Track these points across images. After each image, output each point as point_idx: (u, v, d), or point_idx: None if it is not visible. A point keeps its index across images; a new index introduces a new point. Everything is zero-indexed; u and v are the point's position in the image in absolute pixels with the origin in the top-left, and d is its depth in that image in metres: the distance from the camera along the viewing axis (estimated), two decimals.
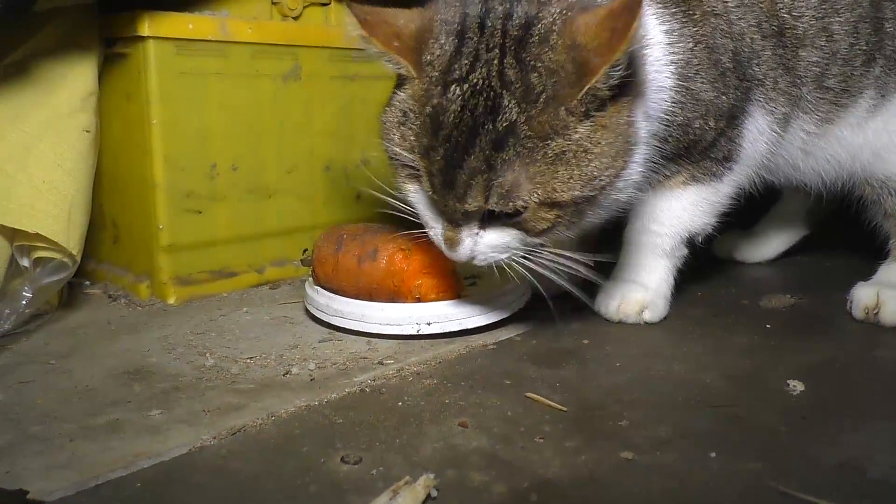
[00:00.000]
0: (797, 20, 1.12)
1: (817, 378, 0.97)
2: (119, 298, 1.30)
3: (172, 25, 1.22)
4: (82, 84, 1.18)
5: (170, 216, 1.26)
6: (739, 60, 1.08)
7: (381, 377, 0.97)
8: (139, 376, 0.97)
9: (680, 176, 1.12)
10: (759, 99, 1.11)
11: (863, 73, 1.17)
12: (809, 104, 1.16)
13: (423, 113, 0.91)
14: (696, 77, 1.05)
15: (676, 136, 1.06)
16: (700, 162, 1.11)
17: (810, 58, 1.13)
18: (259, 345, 1.08)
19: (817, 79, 1.15)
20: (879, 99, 1.19)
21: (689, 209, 1.15)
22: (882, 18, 1.17)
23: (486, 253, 0.96)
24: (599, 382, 0.96)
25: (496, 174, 0.87)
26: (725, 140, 1.10)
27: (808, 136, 1.19)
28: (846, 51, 1.15)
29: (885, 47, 1.18)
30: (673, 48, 1.03)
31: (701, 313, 1.23)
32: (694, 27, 1.05)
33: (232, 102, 1.31)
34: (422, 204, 0.99)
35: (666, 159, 1.08)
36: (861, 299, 1.19)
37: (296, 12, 1.41)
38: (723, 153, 1.11)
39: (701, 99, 1.05)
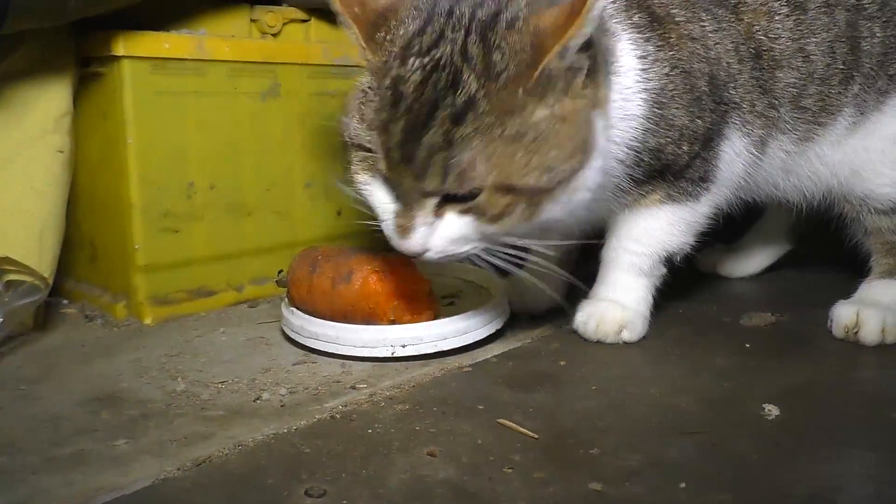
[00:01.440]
0: (773, 42, 1.12)
1: (794, 402, 0.96)
2: (95, 318, 1.28)
3: (148, 45, 1.21)
4: (56, 104, 1.17)
5: (146, 236, 1.25)
6: (716, 84, 1.08)
7: (353, 402, 0.96)
8: (109, 403, 0.96)
9: (655, 194, 1.12)
10: (736, 122, 1.11)
11: (840, 92, 1.17)
12: (787, 124, 1.16)
13: (383, 86, 0.90)
14: (671, 103, 1.04)
15: (648, 160, 1.06)
16: (675, 182, 1.11)
17: (787, 79, 1.13)
18: (232, 368, 1.07)
19: (794, 99, 1.15)
20: (859, 116, 1.19)
21: (665, 228, 1.14)
22: (859, 38, 1.17)
23: (441, 244, 0.93)
24: (573, 407, 0.95)
25: (454, 150, 0.87)
26: (700, 162, 1.10)
27: (788, 155, 1.19)
28: (823, 71, 1.15)
29: (863, 66, 1.17)
30: (647, 74, 1.02)
31: (681, 332, 1.22)
32: (670, 51, 1.05)
33: (209, 121, 1.30)
34: (374, 194, 0.96)
35: (638, 181, 1.08)
36: (841, 318, 1.19)
37: (275, 29, 1.40)
38: (698, 174, 1.11)
39: (675, 124, 1.05)
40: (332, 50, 1.43)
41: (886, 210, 1.23)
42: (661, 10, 1.06)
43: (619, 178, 1.06)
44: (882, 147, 1.20)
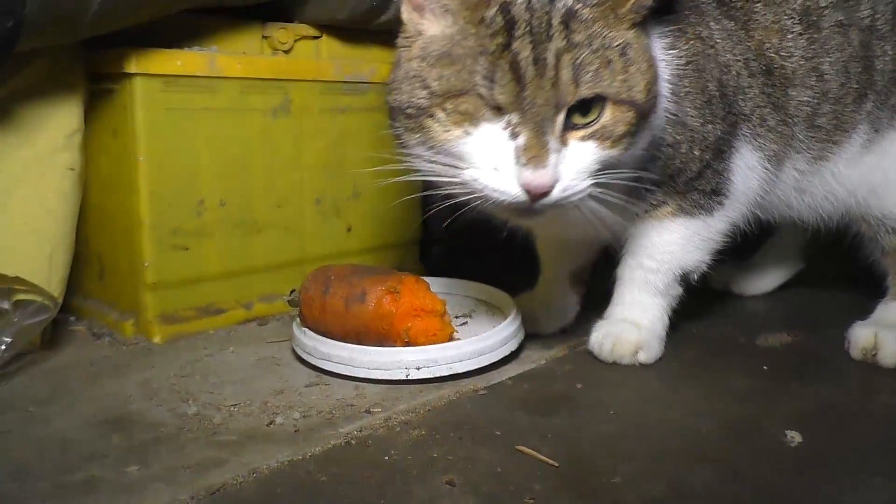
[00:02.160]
0: (785, 60, 1.11)
1: (815, 427, 0.95)
2: (103, 336, 1.27)
3: (160, 62, 1.20)
4: (67, 122, 1.16)
5: (156, 253, 1.24)
6: (725, 93, 1.08)
7: (368, 427, 0.94)
8: (119, 426, 0.95)
9: (668, 206, 1.11)
10: (746, 134, 1.11)
11: (854, 110, 1.16)
12: (801, 143, 1.15)
13: (488, 17, 0.89)
14: (685, 99, 1.04)
15: (666, 155, 1.06)
16: (687, 193, 1.10)
17: (800, 97, 1.13)
18: (244, 389, 1.06)
19: (808, 118, 1.14)
20: (873, 134, 1.18)
21: (679, 243, 1.13)
22: (872, 57, 1.16)
23: (570, 175, 0.90)
24: (592, 432, 0.94)
25: (580, 50, 0.88)
26: (712, 173, 1.09)
27: (802, 174, 1.18)
28: (837, 90, 1.14)
29: (876, 83, 1.17)
30: (669, 64, 1.03)
31: (696, 353, 1.21)
32: (685, 45, 1.05)
33: (220, 137, 1.29)
34: (478, 142, 0.90)
35: (653, 183, 1.07)
36: (859, 340, 1.17)
37: (286, 46, 1.39)
38: (710, 186, 1.10)
39: (688, 124, 1.05)
40: (344, 66, 1.42)
41: None
42: (678, 6, 1.06)
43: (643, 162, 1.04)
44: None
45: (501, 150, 0.89)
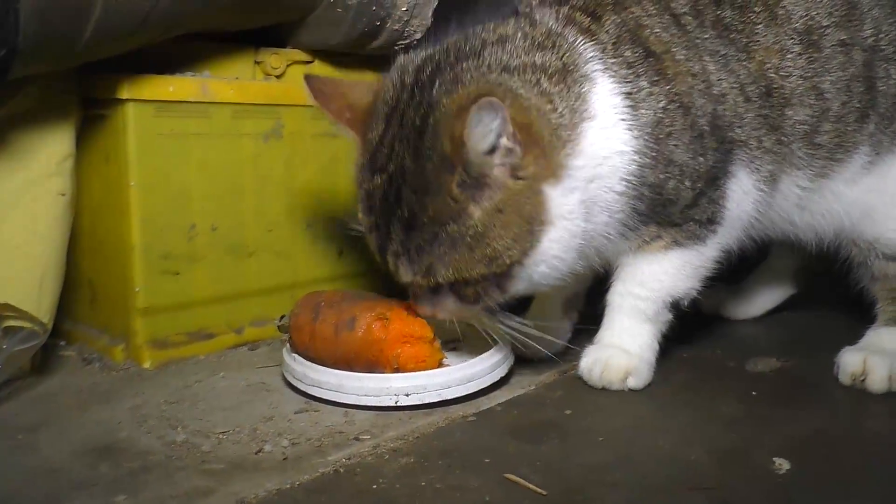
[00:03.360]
0: (785, 80, 1.11)
1: (804, 454, 0.95)
2: (93, 362, 1.26)
3: (153, 88, 1.21)
4: (59, 147, 1.16)
5: (147, 278, 1.24)
6: (719, 125, 1.07)
7: (357, 455, 0.94)
8: (107, 454, 0.94)
9: (662, 240, 1.11)
10: (743, 159, 1.10)
11: (856, 130, 1.16)
12: (802, 160, 1.15)
13: (362, 194, 1.00)
14: (669, 139, 1.04)
15: (650, 196, 1.05)
16: (683, 225, 1.10)
17: (798, 116, 1.12)
18: (233, 416, 1.05)
19: (807, 136, 1.13)
20: (874, 156, 1.18)
21: (671, 273, 1.13)
22: (875, 78, 1.16)
23: (445, 314, 1.03)
24: (581, 460, 0.94)
25: (411, 256, 0.96)
26: (707, 201, 1.09)
27: (804, 191, 1.18)
28: (839, 109, 1.14)
29: (879, 105, 1.17)
30: (638, 110, 1.02)
31: (686, 378, 1.21)
32: (666, 85, 1.04)
33: (212, 163, 1.29)
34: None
35: (642, 220, 1.07)
36: (848, 365, 1.17)
37: (279, 71, 1.40)
38: (706, 215, 1.10)
39: (675, 161, 1.05)
40: None
41: (894, 256, 1.22)
42: (659, 46, 1.05)
43: (624, 212, 1.05)
44: (894, 190, 1.19)
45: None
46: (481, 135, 0.88)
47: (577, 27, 1.04)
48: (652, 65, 1.04)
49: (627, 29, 1.04)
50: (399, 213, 0.95)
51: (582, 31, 1.04)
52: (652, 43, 1.05)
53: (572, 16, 1.05)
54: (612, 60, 1.02)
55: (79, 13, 1.00)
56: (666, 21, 1.07)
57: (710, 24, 1.09)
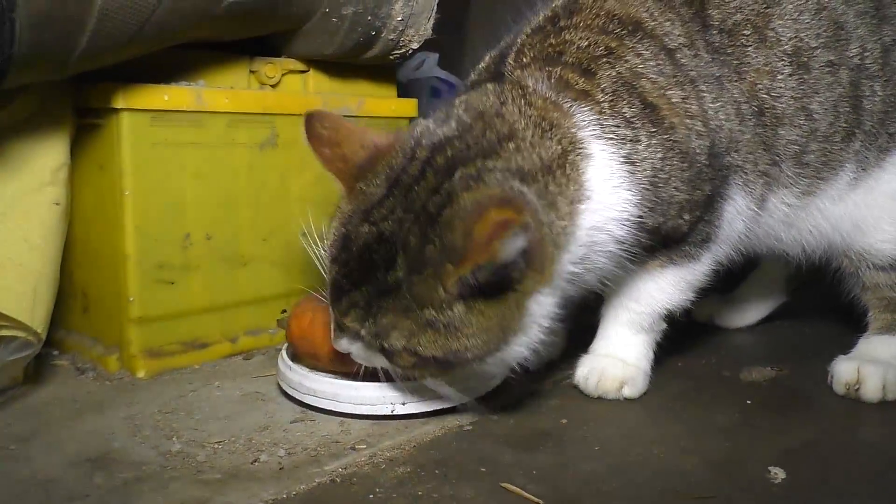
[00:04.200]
0: (776, 100, 1.11)
1: (799, 464, 0.95)
2: (87, 371, 1.26)
3: (147, 97, 1.21)
4: (53, 156, 1.16)
5: (141, 287, 1.24)
6: (716, 154, 1.07)
7: (353, 464, 0.94)
8: (102, 464, 0.94)
9: (657, 260, 1.11)
10: (738, 182, 1.11)
11: (842, 149, 1.16)
12: (789, 179, 1.16)
13: (339, 232, 0.97)
14: (668, 183, 1.03)
15: (648, 237, 1.05)
16: (679, 247, 1.10)
17: (789, 136, 1.13)
18: (228, 426, 1.05)
19: (796, 156, 1.14)
20: (860, 172, 1.19)
21: (667, 289, 1.14)
22: (861, 96, 1.16)
23: (360, 357, 1.00)
24: (577, 470, 0.94)
25: (372, 315, 0.92)
26: (703, 224, 1.09)
27: (790, 208, 1.19)
28: (826, 128, 1.14)
29: (864, 123, 1.17)
30: (636, 168, 1.00)
31: (681, 387, 1.21)
32: (664, 135, 1.02)
33: (207, 172, 1.29)
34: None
35: (640, 254, 1.07)
36: (842, 375, 1.18)
37: (274, 80, 1.40)
38: (701, 237, 1.10)
39: (674, 201, 1.04)
40: (331, 100, 1.44)
41: (885, 266, 1.23)
42: (654, 93, 1.02)
43: (619, 258, 1.05)
44: (882, 203, 1.20)
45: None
46: (508, 254, 0.85)
47: (571, 91, 1.00)
48: (649, 115, 1.01)
49: (624, 81, 1.01)
50: (380, 276, 0.91)
51: (577, 94, 1.00)
52: (648, 92, 1.02)
53: (565, 78, 1.01)
54: (610, 123, 1.00)
55: (75, 24, 0.99)
56: (662, 61, 1.04)
57: (703, 49, 1.09)
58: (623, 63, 1.03)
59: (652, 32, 1.06)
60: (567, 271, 0.99)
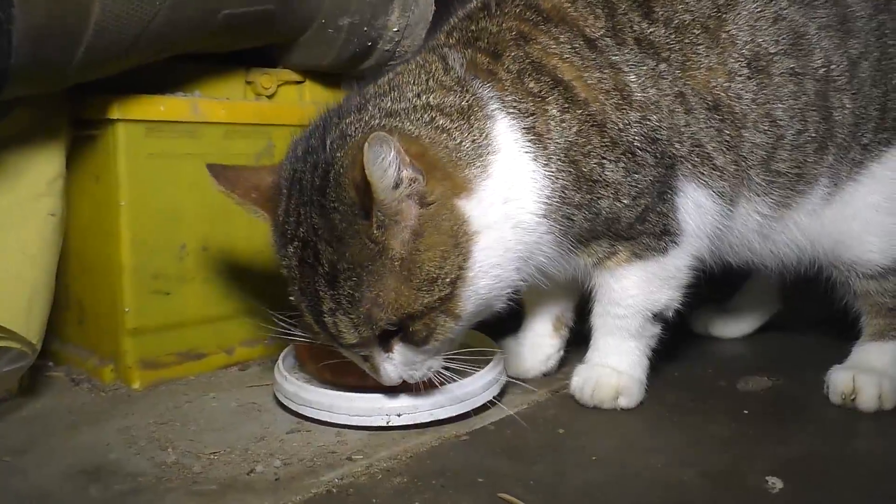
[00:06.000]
0: (735, 101, 1.12)
1: (797, 474, 0.95)
2: (82, 383, 1.26)
3: (143, 108, 1.21)
4: (49, 167, 1.16)
5: (136, 298, 1.24)
6: (654, 137, 1.08)
7: (349, 475, 0.94)
8: (97, 476, 0.94)
9: (620, 255, 1.12)
10: (687, 174, 1.11)
11: (816, 161, 1.16)
12: (760, 187, 1.16)
13: (284, 273, 1.01)
14: (588, 159, 1.05)
15: (582, 216, 1.07)
16: (636, 238, 1.11)
17: (754, 139, 1.13)
18: (224, 437, 1.05)
19: (764, 162, 1.14)
20: (833, 188, 1.18)
21: (640, 286, 1.14)
22: (830, 108, 1.16)
23: (405, 371, 1.00)
24: (574, 480, 0.94)
25: (348, 309, 0.94)
26: (656, 215, 1.10)
27: (764, 218, 1.18)
28: (794, 137, 1.14)
29: (836, 136, 1.17)
30: (543, 140, 1.04)
31: (678, 397, 1.21)
32: (578, 109, 1.05)
33: (203, 182, 1.26)
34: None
35: (588, 237, 1.09)
36: (838, 384, 1.18)
37: (270, 91, 1.40)
38: (658, 228, 1.11)
39: (600, 179, 1.06)
40: None
41: (874, 274, 1.22)
42: (569, 73, 1.06)
43: (553, 233, 1.06)
44: (864, 216, 1.19)
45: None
46: (382, 170, 0.88)
47: (477, 70, 1.06)
48: (561, 92, 1.05)
49: (531, 61, 1.06)
50: (320, 270, 0.94)
51: (482, 72, 1.05)
52: (560, 70, 1.06)
53: (475, 59, 1.06)
54: (512, 98, 1.04)
55: (72, 36, 1.00)
56: (578, 46, 1.08)
57: (632, 42, 1.10)
58: (534, 45, 1.07)
59: (572, 21, 1.10)
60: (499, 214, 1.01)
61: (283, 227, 1.00)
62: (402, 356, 0.99)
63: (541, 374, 1.28)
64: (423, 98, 1.02)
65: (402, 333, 0.97)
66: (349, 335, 0.96)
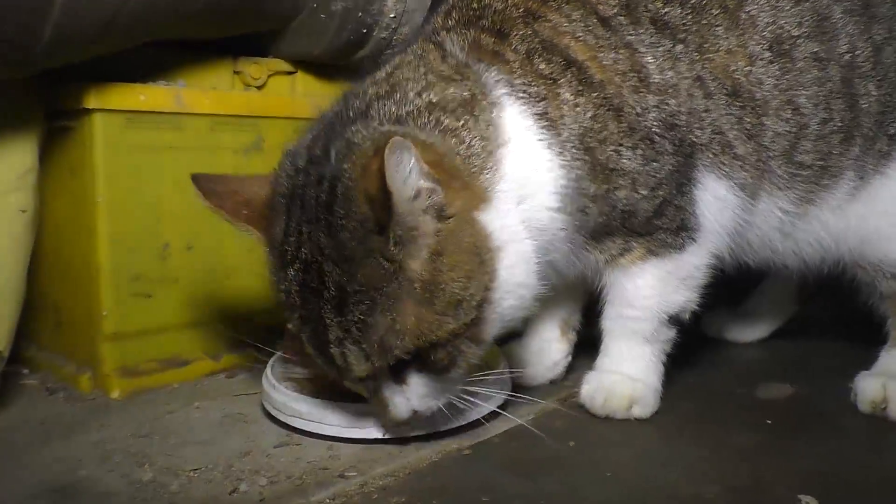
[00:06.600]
0: (755, 86, 1.05)
1: (830, 490, 0.87)
2: (57, 392, 1.18)
3: (122, 97, 1.13)
4: (19, 160, 1.08)
5: (115, 301, 1.16)
6: (673, 124, 1.01)
7: (342, 494, 0.86)
8: (65, 495, 0.86)
9: (636, 251, 1.05)
10: (707, 164, 1.04)
11: (841, 153, 1.10)
12: (783, 180, 1.09)
13: (281, 298, 0.90)
14: (604, 146, 0.98)
15: (598, 208, 0.99)
16: (653, 234, 1.03)
17: (776, 128, 1.06)
18: (207, 451, 0.97)
19: (786, 153, 1.08)
20: (859, 181, 1.12)
21: (656, 286, 1.06)
22: (856, 95, 1.10)
23: (423, 404, 0.92)
24: (588, 498, 0.86)
25: (358, 337, 0.84)
26: (674, 209, 1.03)
27: (786, 215, 1.12)
28: (818, 127, 1.08)
29: (862, 125, 1.11)
30: (556, 126, 0.96)
31: (695, 406, 1.14)
32: (593, 92, 0.98)
33: (187, 178, 1.18)
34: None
35: (602, 232, 1.02)
36: (867, 392, 1.11)
37: (259, 82, 1.33)
38: (675, 223, 1.04)
39: (617, 168, 0.99)
40: (321, 104, 1.35)
41: None
42: (583, 52, 0.99)
43: (568, 229, 0.99)
44: (893, 212, 1.13)
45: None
46: (402, 179, 0.80)
47: (481, 52, 0.98)
48: (574, 73, 0.98)
49: (540, 40, 0.98)
50: (326, 294, 0.84)
51: (487, 55, 0.98)
52: (573, 50, 0.99)
53: (477, 40, 0.99)
54: (521, 81, 0.96)
55: (35, 14, 0.92)
56: (592, 24, 1.01)
57: (647, 22, 1.03)
58: (543, 22, 1.00)
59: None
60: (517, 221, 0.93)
61: (282, 249, 0.89)
62: (420, 387, 0.90)
63: (547, 382, 1.21)
64: (425, 96, 0.93)
65: (420, 362, 0.88)
66: (359, 367, 0.86)
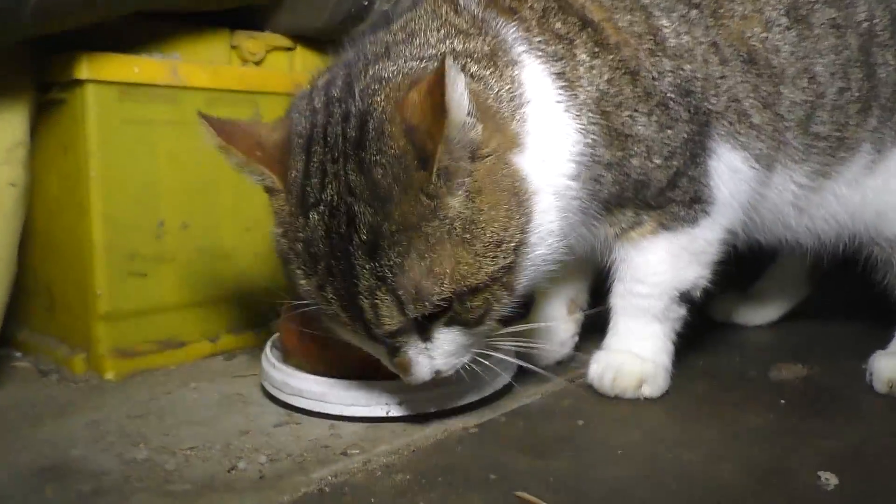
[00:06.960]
0: (772, 53, 1.02)
1: (850, 468, 0.84)
2: (50, 374, 1.15)
3: (115, 68, 1.10)
4: (8, 134, 1.05)
5: (110, 280, 1.13)
6: (689, 90, 0.98)
7: (344, 472, 0.83)
8: (56, 475, 0.83)
9: (647, 225, 1.02)
10: (722, 133, 1.01)
11: (859, 124, 1.07)
12: (798, 151, 1.06)
13: (298, 250, 0.83)
14: (620, 111, 0.95)
15: (612, 177, 0.96)
16: (665, 207, 1.00)
17: (793, 97, 1.03)
18: (204, 431, 0.94)
19: (802, 123, 1.05)
20: (876, 154, 1.09)
21: (668, 261, 1.03)
22: (874, 64, 1.07)
23: (446, 363, 0.87)
24: (599, 476, 0.83)
25: (392, 283, 0.78)
26: (688, 180, 1.00)
27: (801, 189, 1.09)
28: (835, 96, 1.05)
29: (880, 96, 1.08)
30: (574, 88, 0.92)
31: (705, 387, 1.10)
32: (609, 55, 0.95)
33: (183, 154, 1.18)
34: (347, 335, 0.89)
35: (614, 203, 0.98)
36: (883, 372, 1.08)
37: (257, 57, 1.29)
38: (689, 195, 1.01)
39: (632, 134, 0.95)
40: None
41: None
42: (599, 13, 0.96)
43: (581, 199, 0.95)
44: None
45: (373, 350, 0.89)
46: (458, 101, 0.76)
47: (497, 9, 0.94)
48: (590, 35, 0.95)
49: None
50: (356, 238, 0.79)
51: (503, 10, 0.94)
52: (589, 10, 0.96)
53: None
54: (539, 39, 0.93)
55: None
56: None
57: None
58: None
59: None
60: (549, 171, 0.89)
61: (303, 191, 0.83)
62: (447, 343, 0.85)
63: (554, 362, 1.17)
64: (448, 43, 0.89)
65: (451, 315, 0.83)
66: (390, 319, 0.80)
